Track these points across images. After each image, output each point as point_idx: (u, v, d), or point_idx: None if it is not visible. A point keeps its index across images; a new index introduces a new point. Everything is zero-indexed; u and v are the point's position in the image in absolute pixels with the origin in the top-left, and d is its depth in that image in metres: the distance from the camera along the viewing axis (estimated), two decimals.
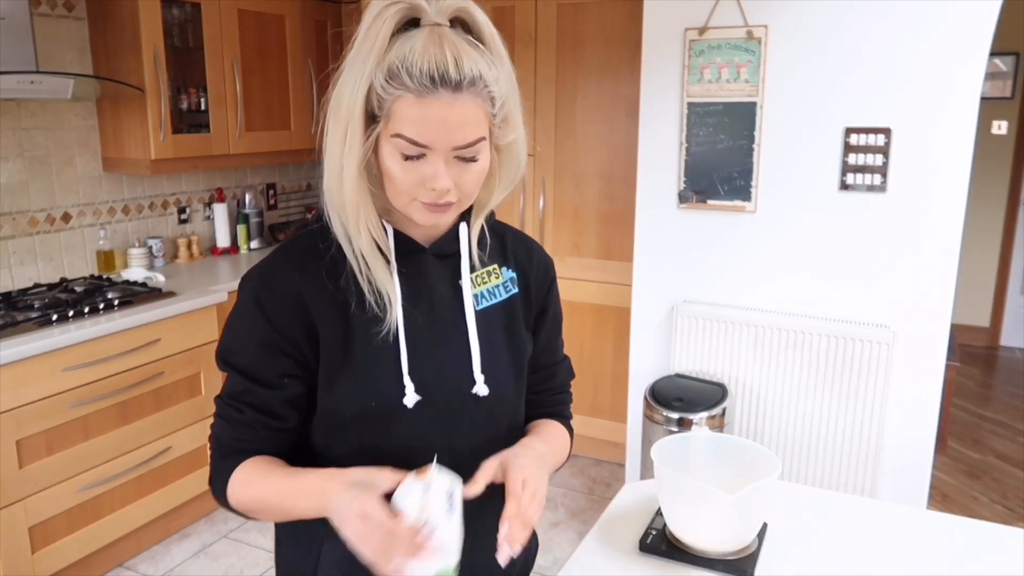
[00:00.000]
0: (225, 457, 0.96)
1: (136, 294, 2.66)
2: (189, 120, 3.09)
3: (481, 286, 1.02)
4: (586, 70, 3.17)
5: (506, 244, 1.08)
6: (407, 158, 0.87)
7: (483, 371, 0.99)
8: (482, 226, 1.03)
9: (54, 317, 2.37)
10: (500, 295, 1.05)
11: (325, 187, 0.92)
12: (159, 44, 2.79)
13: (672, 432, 2.34)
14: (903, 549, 1.26)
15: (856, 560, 1.22)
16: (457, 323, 0.99)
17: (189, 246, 3.33)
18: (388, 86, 0.84)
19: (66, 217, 2.89)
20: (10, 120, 2.68)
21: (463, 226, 1.01)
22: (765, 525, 1.26)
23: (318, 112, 0.91)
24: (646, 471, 2.77)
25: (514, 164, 0.98)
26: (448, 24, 0.86)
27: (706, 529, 1.18)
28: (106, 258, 2.99)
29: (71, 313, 2.41)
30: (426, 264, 0.98)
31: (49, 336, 2.27)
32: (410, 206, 0.91)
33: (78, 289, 2.68)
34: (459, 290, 1.00)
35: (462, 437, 0.99)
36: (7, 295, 2.58)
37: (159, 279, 2.89)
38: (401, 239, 0.96)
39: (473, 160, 0.89)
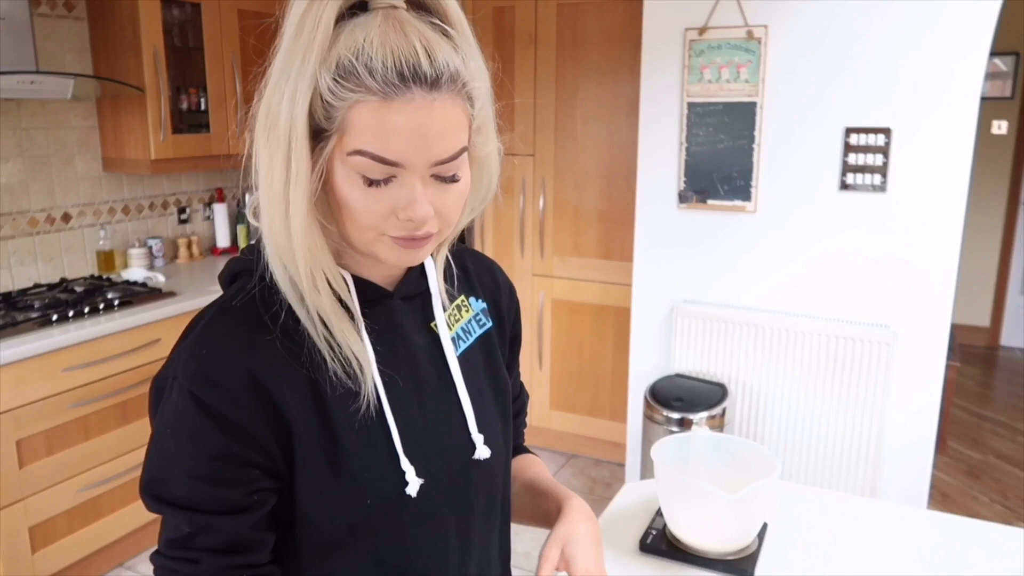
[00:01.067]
0: None
1: (136, 294, 2.66)
2: (189, 120, 3.09)
3: (455, 325, 0.86)
4: (586, 70, 3.17)
5: (469, 271, 0.92)
6: (371, 183, 0.67)
7: (480, 430, 0.84)
8: (446, 255, 0.86)
9: (54, 317, 2.37)
10: (475, 331, 0.88)
11: (266, 231, 0.70)
12: (159, 44, 2.79)
13: (672, 432, 2.34)
14: (903, 549, 1.26)
15: (856, 560, 1.22)
16: (440, 376, 0.82)
17: (189, 246, 3.33)
18: (340, 89, 0.65)
19: (66, 217, 2.89)
20: (10, 120, 2.68)
21: (428, 259, 0.83)
22: (765, 525, 1.26)
23: (239, 128, 0.71)
24: (646, 471, 2.77)
25: (485, 181, 0.80)
26: (405, 6, 0.68)
27: (706, 529, 1.18)
28: (106, 258, 2.99)
29: (71, 313, 2.41)
30: (395, 312, 0.79)
31: (49, 336, 2.26)
32: (376, 243, 0.71)
33: (78, 289, 2.68)
34: (435, 336, 0.83)
35: (468, 509, 0.85)
36: (7, 295, 2.58)
37: (159, 279, 2.89)
38: (361, 286, 0.77)
39: (454, 179, 0.70)
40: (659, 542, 1.23)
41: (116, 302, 2.54)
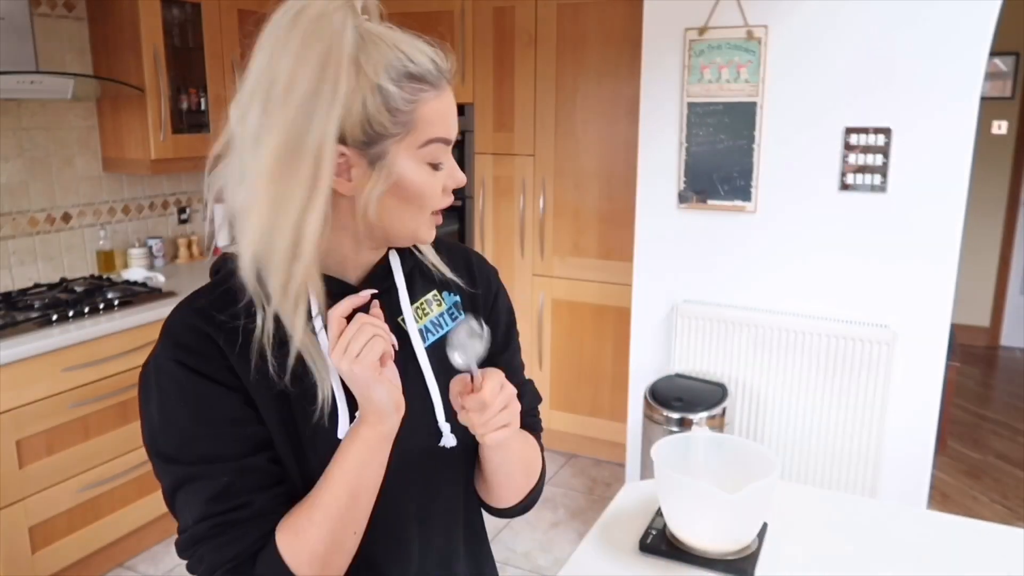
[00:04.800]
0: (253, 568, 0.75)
1: (136, 294, 2.66)
2: (189, 120, 3.09)
3: (424, 319, 0.88)
4: (586, 70, 3.17)
5: (448, 263, 0.94)
6: (435, 166, 0.78)
7: (448, 419, 0.86)
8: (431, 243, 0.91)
9: (54, 317, 2.37)
10: (447, 324, 0.90)
11: (252, 242, 0.74)
12: (159, 44, 2.79)
13: (672, 432, 2.34)
14: (903, 549, 1.26)
15: (856, 560, 1.22)
16: (407, 368, 0.84)
17: (189, 246, 3.33)
18: (410, 92, 0.74)
19: (66, 217, 2.89)
20: (10, 120, 2.68)
21: (393, 255, 0.87)
22: (765, 525, 1.26)
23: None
24: (646, 471, 2.76)
25: None
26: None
27: (706, 529, 1.18)
28: (106, 258, 2.99)
29: (71, 313, 2.41)
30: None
31: (49, 336, 2.27)
32: (426, 223, 0.81)
33: (78, 289, 2.68)
34: (403, 331, 0.85)
35: (432, 495, 0.88)
36: (7, 295, 2.58)
37: (159, 279, 2.89)
38: (325, 282, 0.79)
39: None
40: (659, 542, 1.23)
41: (116, 302, 2.54)
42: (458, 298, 0.93)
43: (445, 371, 0.86)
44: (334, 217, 0.78)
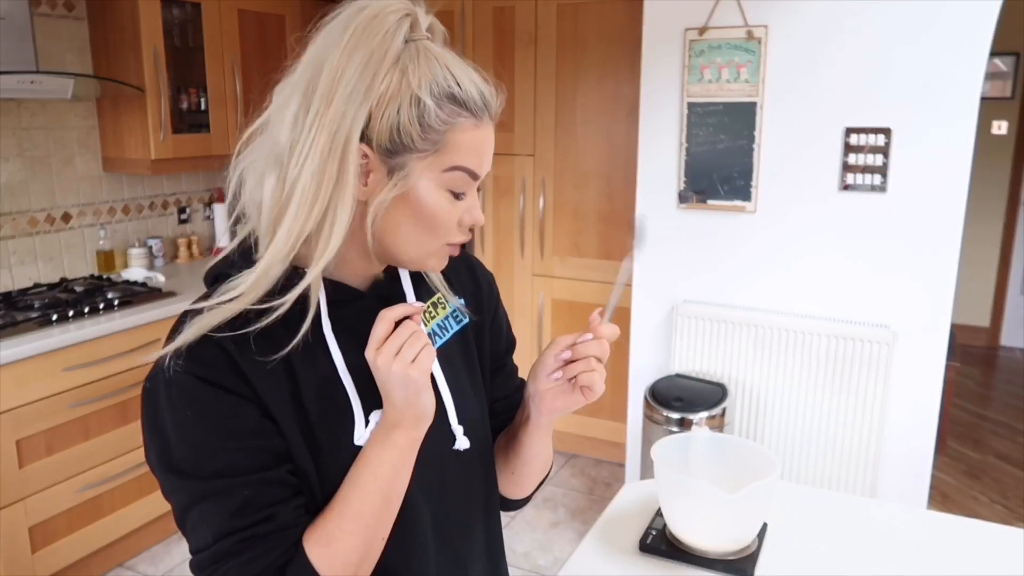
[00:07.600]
0: None
1: (136, 294, 2.66)
2: (189, 120, 3.09)
3: (430, 322, 0.88)
4: (586, 70, 3.17)
5: (447, 267, 0.91)
6: (456, 195, 0.76)
7: (460, 422, 0.87)
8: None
9: (54, 317, 2.37)
10: (451, 327, 0.91)
11: (287, 234, 0.73)
12: (159, 44, 2.79)
13: (672, 432, 2.34)
14: (903, 549, 1.26)
15: (856, 560, 1.22)
16: None
17: (189, 246, 3.33)
18: (443, 112, 0.72)
19: (66, 217, 2.89)
20: (10, 120, 2.68)
21: None
22: (765, 525, 1.26)
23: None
24: (646, 471, 2.76)
25: None
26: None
27: (706, 529, 1.18)
28: (106, 258, 2.99)
29: (71, 313, 2.41)
30: (369, 312, 0.78)
31: (49, 336, 2.27)
32: (435, 253, 0.79)
33: (78, 289, 2.68)
34: None
35: (446, 498, 0.88)
36: (7, 295, 2.58)
37: (159, 279, 2.89)
38: (331, 287, 0.79)
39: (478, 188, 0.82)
40: (659, 542, 1.23)
41: (116, 302, 2.54)
42: (462, 301, 0.93)
43: (454, 375, 0.88)
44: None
